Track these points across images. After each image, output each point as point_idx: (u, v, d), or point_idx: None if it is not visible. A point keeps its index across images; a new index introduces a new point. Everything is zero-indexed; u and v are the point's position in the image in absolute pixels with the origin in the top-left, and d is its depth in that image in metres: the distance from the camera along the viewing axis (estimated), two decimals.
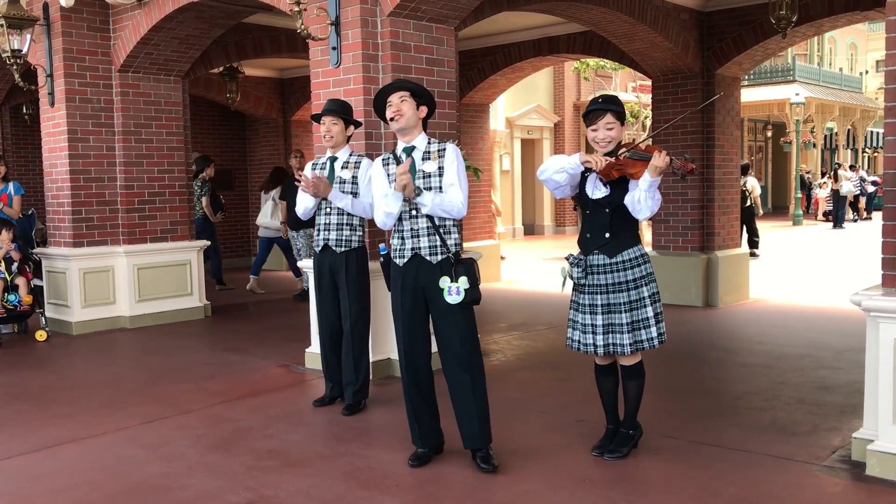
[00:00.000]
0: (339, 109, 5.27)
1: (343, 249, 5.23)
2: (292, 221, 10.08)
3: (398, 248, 4.18)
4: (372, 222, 5.80)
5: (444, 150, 4.19)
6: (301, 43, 9.40)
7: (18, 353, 7.43)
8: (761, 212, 17.04)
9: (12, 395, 5.90)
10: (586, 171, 4.14)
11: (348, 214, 5.22)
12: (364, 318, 5.35)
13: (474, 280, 4.07)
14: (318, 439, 4.77)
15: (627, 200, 4.05)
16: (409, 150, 4.21)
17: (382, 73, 6.01)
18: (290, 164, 10.68)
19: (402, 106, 4.15)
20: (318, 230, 5.29)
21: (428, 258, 4.10)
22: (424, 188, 4.10)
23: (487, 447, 4.16)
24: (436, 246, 4.10)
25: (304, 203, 5.33)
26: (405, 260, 4.15)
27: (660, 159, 3.88)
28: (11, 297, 7.83)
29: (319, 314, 5.45)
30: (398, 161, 4.19)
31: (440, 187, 4.11)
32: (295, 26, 5.84)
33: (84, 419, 5.22)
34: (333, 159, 5.31)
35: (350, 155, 5.35)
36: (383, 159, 4.31)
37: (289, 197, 10.37)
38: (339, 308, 5.36)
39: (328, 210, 5.23)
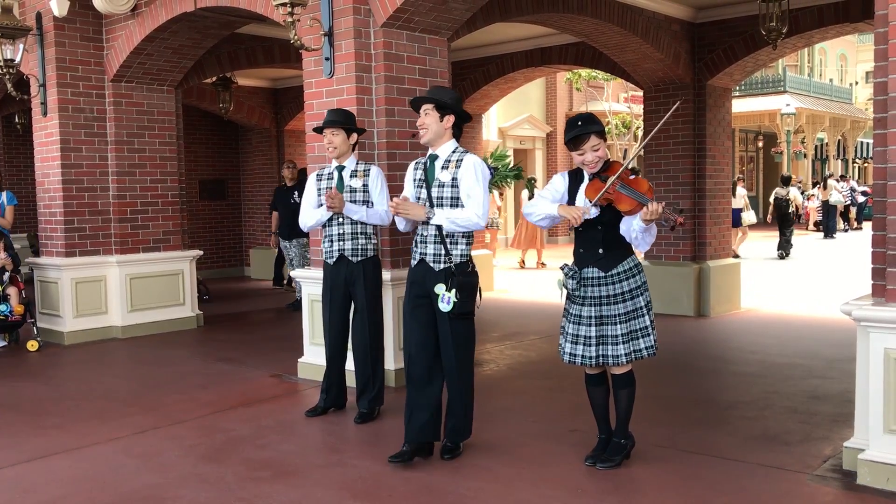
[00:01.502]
0: (339, 119, 5.20)
1: (360, 259, 5.19)
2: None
3: (412, 252, 4.38)
4: (384, 230, 5.84)
5: (462, 160, 4.28)
6: (294, 53, 9.43)
7: (10, 364, 7.39)
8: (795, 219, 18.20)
9: (3, 405, 5.87)
10: (576, 189, 4.18)
11: (362, 223, 5.18)
12: (380, 327, 5.35)
13: (468, 293, 4.15)
14: (310, 449, 4.76)
15: (623, 230, 4.07)
16: (433, 158, 4.36)
17: (375, 84, 6.03)
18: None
19: (425, 119, 4.32)
20: (331, 241, 5.20)
21: (432, 265, 4.24)
22: (438, 197, 4.25)
23: (455, 446, 4.44)
24: (440, 254, 4.23)
25: (316, 217, 5.25)
26: (415, 263, 4.34)
27: (651, 212, 3.85)
28: (2, 307, 7.80)
29: (329, 326, 5.33)
30: (425, 167, 4.36)
31: (452, 196, 4.25)
32: (288, 37, 5.85)
33: (75, 429, 5.20)
34: (341, 168, 5.26)
35: (357, 163, 5.28)
36: (415, 163, 4.50)
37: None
38: (347, 319, 5.32)
39: (341, 220, 5.17)
